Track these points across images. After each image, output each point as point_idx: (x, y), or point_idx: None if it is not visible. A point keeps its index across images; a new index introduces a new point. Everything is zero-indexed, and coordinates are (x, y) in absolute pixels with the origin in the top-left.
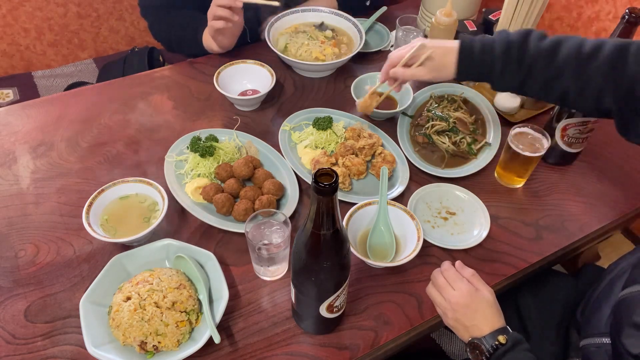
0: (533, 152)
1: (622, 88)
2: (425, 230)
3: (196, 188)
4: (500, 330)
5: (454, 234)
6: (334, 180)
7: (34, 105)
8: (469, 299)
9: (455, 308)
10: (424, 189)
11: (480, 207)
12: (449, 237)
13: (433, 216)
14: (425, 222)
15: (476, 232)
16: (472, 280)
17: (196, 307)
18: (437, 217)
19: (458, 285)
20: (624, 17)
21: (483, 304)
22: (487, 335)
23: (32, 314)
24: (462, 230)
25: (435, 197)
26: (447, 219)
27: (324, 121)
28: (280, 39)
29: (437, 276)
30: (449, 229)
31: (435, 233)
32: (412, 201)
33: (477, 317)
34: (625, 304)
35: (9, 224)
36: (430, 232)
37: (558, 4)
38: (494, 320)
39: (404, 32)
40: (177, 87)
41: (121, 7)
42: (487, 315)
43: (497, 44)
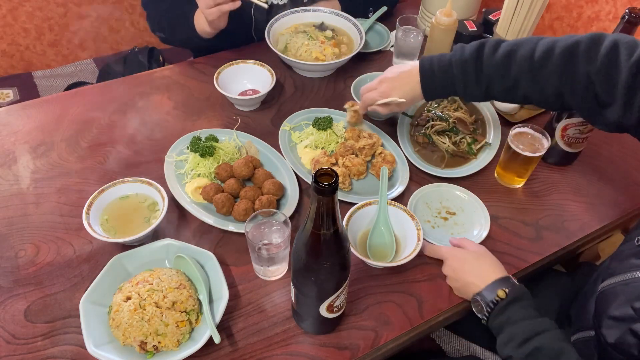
0: (533, 152)
1: (578, 86)
2: (425, 231)
3: (196, 188)
4: (499, 282)
5: (454, 234)
6: (334, 180)
7: (34, 105)
8: (460, 259)
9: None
10: (424, 189)
11: (480, 207)
12: (449, 237)
13: (433, 216)
14: (425, 222)
15: (476, 232)
16: (460, 244)
17: (196, 307)
18: (437, 217)
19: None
20: (624, 17)
21: (471, 260)
22: (484, 290)
23: (32, 314)
24: (462, 230)
25: (435, 197)
26: (447, 219)
27: (324, 121)
28: (280, 39)
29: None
30: (449, 229)
31: (435, 233)
32: (412, 201)
33: (471, 274)
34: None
35: (9, 224)
36: (430, 232)
37: (558, 4)
38: (489, 272)
39: (404, 32)
40: (177, 87)
41: (121, 7)
42: (480, 269)
43: (454, 63)
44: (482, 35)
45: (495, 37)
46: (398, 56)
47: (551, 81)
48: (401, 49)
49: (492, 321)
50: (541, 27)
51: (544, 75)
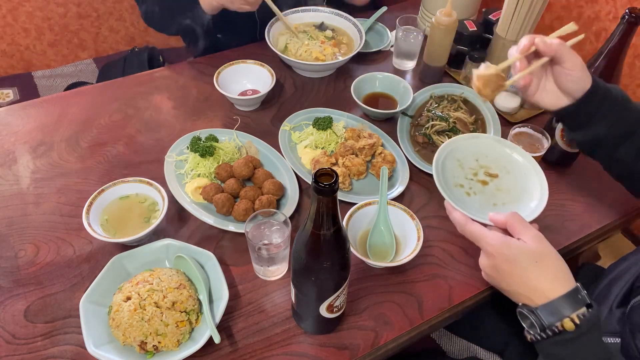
0: (533, 152)
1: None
2: (458, 199)
3: (196, 188)
4: (564, 300)
5: (498, 205)
6: (334, 180)
7: (34, 105)
8: (511, 261)
9: (491, 274)
10: (454, 141)
11: (533, 168)
12: (491, 208)
13: (467, 179)
14: (458, 187)
15: (531, 205)
16: (511, 228)
17: (196, 307)
18: (472, 181)
19: (494, 248)
20: (624, 17)
21: (526, 265)
22: (541, 308)
23: (32, 314)
24: (508, 199)
25: (470, 152)
26: (487, 183)
27: (324, 121)
28: (281, 38)
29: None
30: (490, 197)
31: (471, 204)
32: (438, 158)
33: (524, 285)
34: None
35: (9, 224)
36: (464, 202)
37: (558, 4)
38: (552, 284)
39: (404, 32)
40: (177, 87)
41: (121, 7)
42: (538, 279)
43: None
44: (482, 35)
45: (495, 37)
46: (398, 56)
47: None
48: (401, 49)
49: (544, 347)
50: (541, 27)
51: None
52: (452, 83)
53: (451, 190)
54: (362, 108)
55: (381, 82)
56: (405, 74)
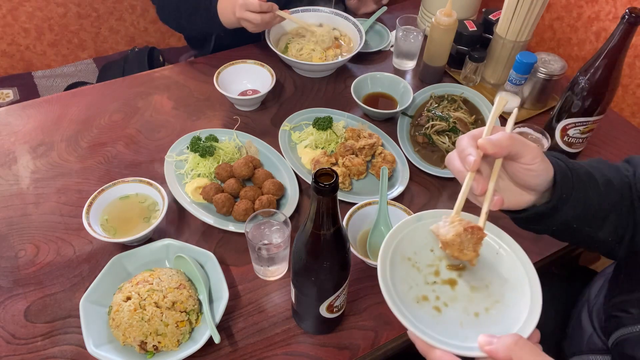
0: None
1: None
2: (429, 323)
3: (196, 188)
4: None
5: (480, 313)
6: (334, 180)
7: (34, 105)
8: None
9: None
10: (396, 234)
11: (510, 247)
12: (473, 321)
13: (429, 283)
14: (421, 303)
15: (526, 288)
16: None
17: (196, 307)
18: (435, 284)
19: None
20: (624, 17)
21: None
22: None
23: (32, 314)
24: (489, 301)
25: (419, 242)
26: (456, 282)
27: (324, 121)
28: (282, 38)
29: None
30: (466, 304)
31: (447, 323)
32: (384, 266)
33: None
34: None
35: (9, 224)
36: (438, 324)
37: (558, 4)
38: None
39: (404, 32)
40: (177, 87)
41: (121, 7)
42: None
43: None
44: (482, 35)
45: (495, 37)
46: (398, 56)
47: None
48: (401, 49)
49: None
50: (541, 27)
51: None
52: (452, 83)
53: (415, 312)
54: (362, 108)
55: (381, 82)
56: (405, 74)
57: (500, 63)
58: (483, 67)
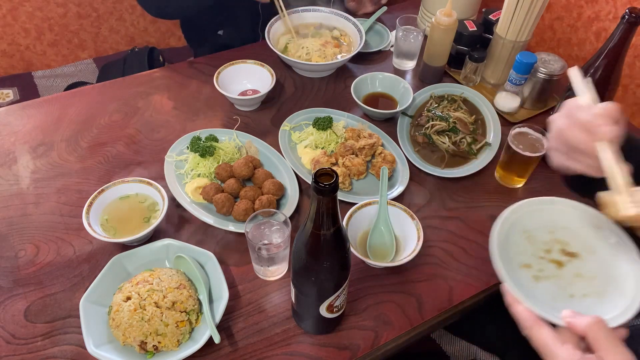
0: (533, 152)
1: None
2: (524, 285)
3: (196, 188)
4: None
5: (576, 297)
6: (334, 180)
7: (34, 105)
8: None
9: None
10: (522, 207)
11: (628, 250)
12: (566, 300)
13: (537, 257)
14: (524, 269)
15: (623, 303)
16: (593, 338)
17: (196, 307)
18: (543, 260)
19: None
20: (624, 17)
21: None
22: None
23: (32, 314)
24: (590, 290)
25: (542, 222)
26: (563, 264)
27: (324, 121)
28: (281, 39)
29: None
30: (566, 285)
31: (540, 291)
32: (502, 228)
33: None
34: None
35: (9, 224)
36: (531, 290)
37: (558, 4)
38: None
39: (404, 32)
40: (177, 87)
41: (121, 7)
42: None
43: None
44: (482, 35)
45: (495, 37)
46: (398, 56)
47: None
48: (401, 49)
49: None
50: (541, 27)
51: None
52: (452, 83)
53: (515, 272)
54: (362, 108)
55: (381, 82)
56: (405, 74)
57: (500, 63)
58: (483, 67)
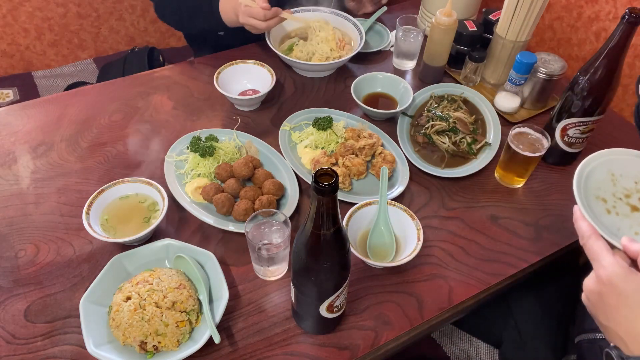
0: (533, 152)
1: None
2: (594, 212)
3: (196, 188)
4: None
5: (639, 235)
6: (334, 180)
7: (34, 105)
8: (620, 295)
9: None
10: (613, 152)
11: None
12: (631, 235)
13: (615, 196)
14: (598, 200)
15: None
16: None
17: (196, 307)
18: (620, 200)
19: (608, 276)
20: (624, 17)
21: (636, 305)
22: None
23: (32, 314)
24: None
25: (633, 171)
26: (638, 209)
27: (324, 121)
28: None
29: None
30: (635, 224)
31: (608, 222)
32: (586, 165)
33: (623, 325)
34: None
35: (9, 224)
36: (600, 218)
37: (558, 4)
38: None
39: (404, 32)
40: (177, 87)
41: (121, 7)
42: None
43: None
44: (482, 35)
45: (495, 37)
46: (398, 56)
47: None
48: (401, 49)
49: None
50: (541, 27)
51: None
52: (452, 83)
53: (589, 200)
54: (362, 108)
55: (381, 82)
56: (405, 74)
57: (500, 63)
58: (483, 67)
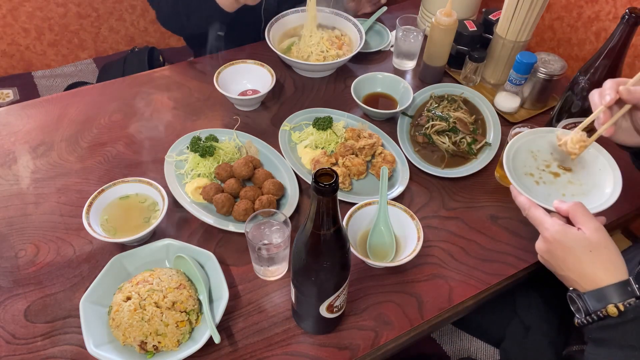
0: None
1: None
2: (526, 186)
3: (196, 188)
4: (612, 289)
5: (567, 196)
6: (334, 180)
7: (34, 105)
8: (566, 248)
9: (546, 258)
10: (529, 134)
11: (610, 165)
12: (559, 198)
13: (539, 169)
14: (527, 176)
15: (598, 201)
16: (572, 216)
17: (196, 307)
18: (544, 172)
19: (552, 235)
20: (624, 17)
21: (580, 253)
22: (588, 294)
23: (32, 314)
24: (578, 192)
25: (545, 145)
26: (559, 175)
27: (324, 121)
28: (286, 41)
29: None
30: (560, 188)
31: (538, 191)
32: (510, 149)
33: (574, 271)
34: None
35: (9, 224)
36: (532, 190)
37: (558, 4)
38: (601, 273)
39: (404, 32)
40: (177, 87)
41: (121, 7)
42: (589, 267)
43: None
44: (482, 35)
45: (495, 37)
46: (398, 56)
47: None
48: (401, 49)
49: (589, 331)
50: (541, 27)
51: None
52: (452, 83)
53: (520, 178)
54: (362, 108)
55: (381, 82)
56: (405, 74)
57: (500, 63)
58: (483, 67)
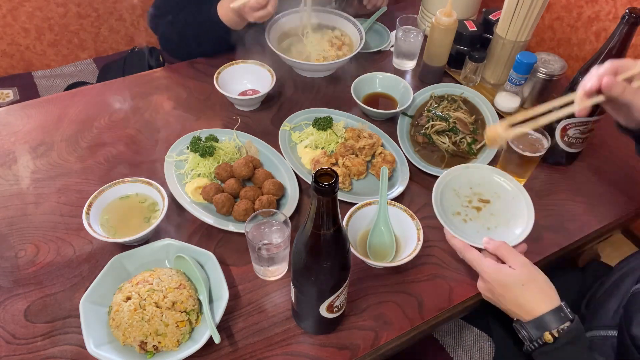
0: (533, 152)
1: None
2: (456, 226)
3: (196, 188)
4: (548, 317)
5: (491, 229)
6: (334, 180)
7: (34, 105)
8: (502, 285)
9: (487, 295)
10: (450, 172)
11: (520, 191)
12: (485, 231)
13: (463, 206)
14: (455, 215)
15: (518, 230)
16: (502, 256)
17: (196, 307)
18: (468, 207)
19: (489, 275)
20: (624, 17)
21: (515, 289)
22: (528, 323)
23: (32, 314)
24: (499, 222)
25: (464, 181)
26: (481, 208)
27: (324, 121)
28: (286, 40)
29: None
30: (485, 221)
31: (468, 229)
32: (437, 189)
33: (514, 304)
34: (638, 297)
35: (9, 224)
36: (462, 228)
37: (558, 4)
38: (536, 304)
39: (404, 32)
40: (177, 87)
41: (121, 7)
42: (525, 299)
43: None
44: (482, 35)
45: (495, 37)
46: (398, 56)
47: None
48: (401, 49)
49: (535, 356)
50: (541, 27)
51: None
52: (452, 83)
53: (450, 219)
54: (362, 108)
55: (381, 82)
56: (405, 74)
57: (500, 63)
58: (483, 67)
